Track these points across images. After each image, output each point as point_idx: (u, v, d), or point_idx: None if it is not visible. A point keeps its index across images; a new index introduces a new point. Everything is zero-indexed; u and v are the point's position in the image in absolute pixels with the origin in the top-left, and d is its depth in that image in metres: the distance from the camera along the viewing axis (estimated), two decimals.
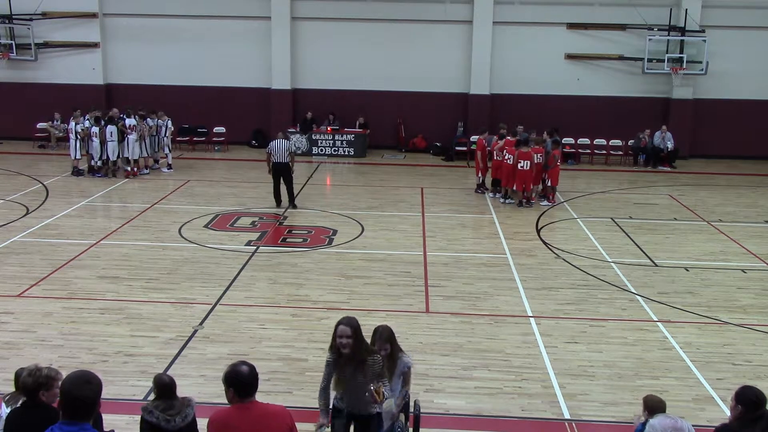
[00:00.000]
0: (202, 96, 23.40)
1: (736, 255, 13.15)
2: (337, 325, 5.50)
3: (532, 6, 22.68)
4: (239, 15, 23.11)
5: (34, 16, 22.96)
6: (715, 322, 9.93)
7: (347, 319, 5.52)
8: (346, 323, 5.46)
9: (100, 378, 3.83)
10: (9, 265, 11.56)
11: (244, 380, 4.33)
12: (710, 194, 18.42)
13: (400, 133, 23.63)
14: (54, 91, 23.19)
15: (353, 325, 5.47)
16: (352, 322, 5.50)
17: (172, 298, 10.29)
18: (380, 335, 5.98)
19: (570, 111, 22.55)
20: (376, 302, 10.28)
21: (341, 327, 5.45)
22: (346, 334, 5.41)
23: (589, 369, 8.36)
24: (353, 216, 15.22)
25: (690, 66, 22.22)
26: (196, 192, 17.34)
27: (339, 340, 5.43)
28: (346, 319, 5.53)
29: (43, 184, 17.50)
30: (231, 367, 4.37)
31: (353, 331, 5.42)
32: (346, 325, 5.45)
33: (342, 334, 5.43)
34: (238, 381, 4.32)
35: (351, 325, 5.45)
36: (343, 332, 5.42)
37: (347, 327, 5.43)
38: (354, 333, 5.42)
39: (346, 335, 5.41)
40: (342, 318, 5.56)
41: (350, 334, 5.40)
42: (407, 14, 22.80)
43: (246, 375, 4.33)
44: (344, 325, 5.45)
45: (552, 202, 16.73)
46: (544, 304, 10.37)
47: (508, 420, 7.28)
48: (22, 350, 8.47)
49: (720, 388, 7.89)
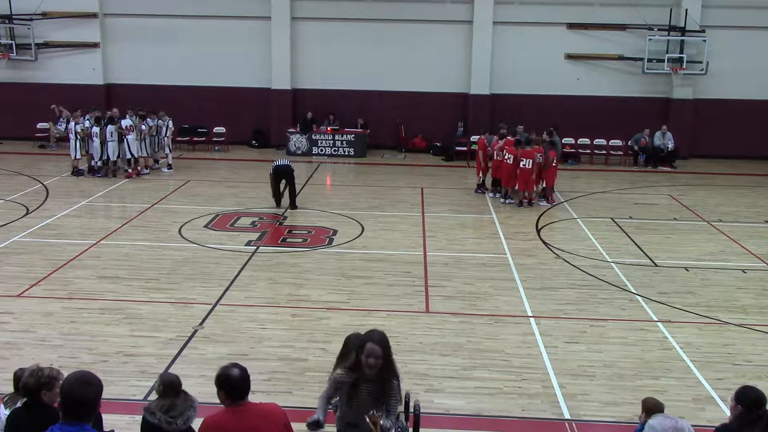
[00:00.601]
0: (202, 96, 23.39)
1: (736, 255, 13.15)
2: (365, 342, 4.66)
3: (532, 6, 22.68)
4: (239, 15, 23.11)
5: (34, 16, 22.96)
6: (715, 322, 9.93)
7: (378, 336, 4.69)
8: (377, 341, 4.64)
9: (100, 379, 3.83)
10: (9, 265, 11.56)
11: (234, 383, 4.30)
12: (710, 194, 18.42)
13: (400, 133, 23.63)
14: (54, 91, 23.18)
15: (384, 343, 4.67)
16: (384, 339, 4.69)
17: (172, 298, 10.29)
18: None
19: (570, 111, 22.55)
20: (376, 302, 10.27)
21: (370, 346, 4.59)
22: (376, 354, 4.60)
23: (589, 369, 8.36)
24: (353, 216, 15.22)
25: (690, 66, 22.23)
26: (196, 192, 17.33)
27: (367, 359, 4.60)
28: (377, 334, 4.71)
29: (43, 184, 17.50)
30: (222, 369, 4.36)
31: (384, 351, 4.65)
32: (377, 343, 4.62)
33: (371, 354, 4.60)
34: (228, 384, 4.30)
35: (382, 343, 4.65)
36: (372, 352, 4.59)
37: (377, 346, 4.61)
38: (384, 353, 4.66)
39: (376, 356, 4.60)
40: (370, 333, 4.75)
41: (380, 355, 4.61)
42: (407, 14, 22.80)
43: (236, 378, 4.31)
44: (375, 343, 4.61)
45: (551, 203, 16.72)
46: (544, 304, 10.37)
47: (508, 420, 7.28)
48: (22, 350, 8.47)
49: (720, 388, 7.89)
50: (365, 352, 4.63)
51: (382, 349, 4.64)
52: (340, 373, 4.85)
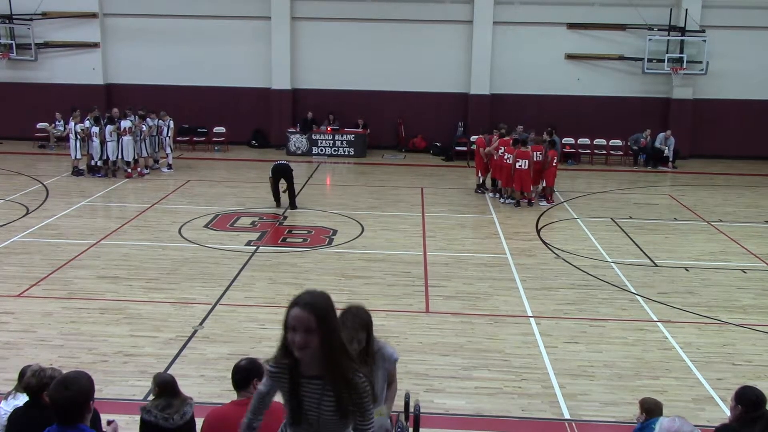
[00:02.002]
0: (202, 96, 23.39)
1: (736, 255, 13.15)
2: (290, 308, 3.14)
3: (532, 6, 22.67)
4: (239, 15, 23.11)
5: (34, 16, 22.96)
6: (715, 322, 9.92)
7: (310, 297, 3.14)
8: (305, 304, 3.09)
9: (88, 379, 3.80)
10: (9, 265, 11.56)
11: (235, 373, 4.65)
12: (710, 194, 18.42)
13: (400, 133, 23.63)
14: (54, 91, 23.19)
15: (321, 308, 3.12)
16: (320, 302, 3.14)
17: (172, 298, 10.29)
18: (353, 319, 4.25)
19: (570, 111, 22.55)
20: (376, 302, 10.27)
21: (295, 312, 3.09)
22: (304, 325, 3.07)
23: (589, 369, 8.36)
24: (353, 216, 15.22)
25: (690, 66, 22.22)
26: (196, 192, 17.33)
27: (292, 336, 3.10)
28: (309, 296, 3.15)
29: (43, 184, 17.50)
30: None
31: (319, 320, 3.09)
32: (305, 308, 3.08)
33: (296, 324, 3.08)
34: (232, 374, 4.69)
35: (316, 308, 3.10)
36: (298, 321, 3.08)
37: (306, 313, 3.07)
38: (320, 323, 3.09)
39: (305, 328, 3.07)
40: (301, 295, 3.18)
41: (312, 327, 3.07)
42: (407, 14, 22.80)
43: (238, 368, 4.68)
44: (301, 308, 3.09)
45: (550, 203, 16.72)
46: (544, 304, 10.37)
47: (508, 420, 7.28)
48: (22, 350, 8.47)
49: (720, 388, 7.89)
50: (289, 322, 3.11)
51: (316, 317, 3.06)
52: (268, 361, 3.44)
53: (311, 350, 3.18)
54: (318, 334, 3.15)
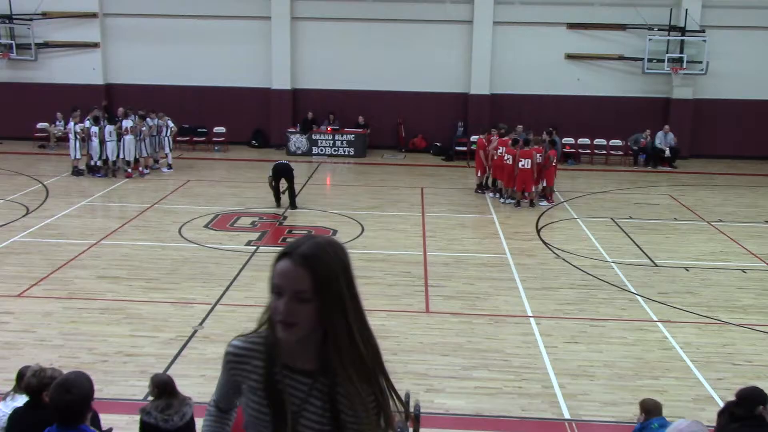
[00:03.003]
0: (202, 96, 23.38)
1: (736, 255, 13.15)
2: (278, 259, 2.27)
3: (532, 6, 22.67)
4: (239, 15, 23.10)
5: (34, 16, 22.95)
6: (715, 322, 9.93)
7: (310, 246, 2.27)
8: (300, 257, 2.23)
9: (88, 380, 3.80)
10: (9, 265, 11.57)
11: None
12: (710, 194, 18.42)
13: (400, 133, 23.62)
14: (54, 91, 23.18)
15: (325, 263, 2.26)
16: (325, 255, 2.28)
17: (172, 298, 10.29)
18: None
19: (570, 111, 22.54)
20: (376, 302, 10.26)
21: (283, 264, 2.24)
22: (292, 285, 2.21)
23: (589, 369, 8.36)
24: (353, 216, 15.21)
25: (690, 66, 22.21)
26: (196, 192, 17.33)
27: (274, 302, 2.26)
28: (309, 244, 2.29)
29: (43, 184, 17.50)
30: None
31: (320, 281, 2.22)
32: (297, 261, 2.22)
33: (282, 283, 2.23)
34: None
35: (318, 263, 2.24)
36: (284, 277, 2.22)
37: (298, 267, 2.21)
38: (322, 286, 2.23)
39: (292, 289, 2.21)
40: (298, 241, 2.32)
41: (307, 291, 2.21)
42: (407, 14, 22.79)
43: None
44: (293, 260, 2.22)
45: (551, 203, 16.73)
46: (544, 304, 10.37)
47: (508, 420, 7.28)
48: (22, 350, 8.47)
49: (720, 388, 7.89)
50: (273, 279, 2.27)
51: (313, 279, 2.21)
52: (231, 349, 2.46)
53: (301, 329, 2.21)
54: (316, 303, 2.20)
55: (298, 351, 2.34)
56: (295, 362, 2.36)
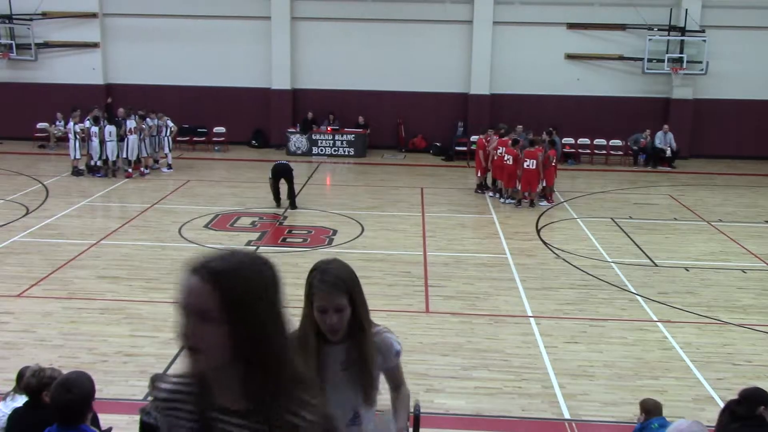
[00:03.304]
0: (202, 96, 23.38)
1: (736, 255, 13.15)
2: None
3: (532, 6, 22.67)
4: (239, 15, 23.10)
5: (34, 16, 22.95)
6: (715, 322, 9.93)
7: (222, 260, 1.96)
8: (203, 269, 1.93)
9: (89, 380, 3.80)
10: (9, 265, 11.57)
11: None
12: (710, 194, 18.42)
13: (400, 133, 23.62)
14: (54, 91, 23.18)
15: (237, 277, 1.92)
16: (239, 267, 1.95)
17: (172, 298, 10.26)
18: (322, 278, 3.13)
19: (570, 111, 22.55)
20: (376, 302, 10.26)
21: (188, 280, 1.94)
22: (195, 304, 1.91)
23: (589, 369, 8.36)
24: (353, 216, 15.21)
25: (690, 66, 22.22)
26: (196, 192, 17.33)
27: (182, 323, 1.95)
28: (221, 258, 1.97)
29: (43, 184, 17.50)
30: None
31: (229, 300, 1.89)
32: (199, 274, 1.92)
33: (185, 302, 1.93)
34: None
35: (226, 277, 1.90)
36: (188, 294, 1.92)
37: (201, 282, 1.90)
38: (231, 306, 1.89)
39: (196, 308, 1.91)
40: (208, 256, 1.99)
41: (213, 311, 1.88)
42: (407, 14, 22.80)
43: None
44: (196, 274, 1.92)
45: (551, 203, 16.73)
46: (544, 304, 10.37)
47: (508, 420, 7.28)
48: (22, 350, 8.47)
49: (720, 388, 7.89)
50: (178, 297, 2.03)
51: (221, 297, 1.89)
52: None
53: (211, 357, 1.90)
54: (227, 326, 1.87)
55: (225, 387, 1.99)
56: (224, 401, 2.01)
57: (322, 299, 3.15)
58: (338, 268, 3.22)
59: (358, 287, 3.22)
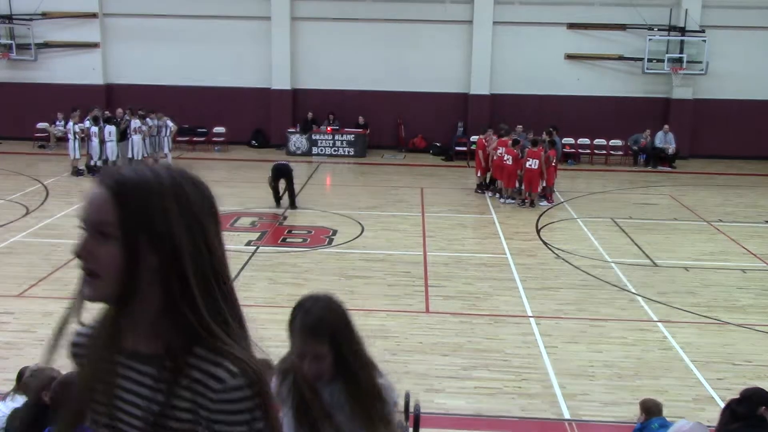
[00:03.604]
0: (202, 96, 23.38)
1: (736, 255, 13.15)
2: None
3: (532, 6, 22.68)
4: (239, 15, 23.10)
5: (34, 16, 22.95)
6: (715, 322, 9.93)
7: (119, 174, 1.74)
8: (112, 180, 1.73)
9: None
10: (9, 265, 11.57)
11: None
12: (710, 194, 18.42)
13: (400, 133, 23.63)
14: (54, 91, 23.18)
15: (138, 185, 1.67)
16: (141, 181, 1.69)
17: None
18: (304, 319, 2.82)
19: (570, 111, 22.54)
20: (376, 302, 10.27)
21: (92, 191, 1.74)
22: (93, 215, 1.68)
23: (589, 369, 8.36)
24: (353, 216, 15.21)
25: (690, 66, 22.22)
26: None
27: None
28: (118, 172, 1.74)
29: (43, 184, 17.50)
30: None
31: (123, 208, 1.64)
32: (102, 183, 1.74)
33: (84, 219, 1.68)
34: None
35: (123, 186, 1.67)
36: (90, 199, 1.72)
37: (102, 189, 1.71)
38: (127, 213, 1.63)
39: (93, 220, 1.67)
40: None
41: (111, 219, 1.63)
42: (407, 14, 22.80)
43: None
44: (100, 185, 1.73)
45: (551, 203, 16.73)
46: (544, 304, 10.37)
47: (508, 420, 7.28)
48: (22, 350, 8.46)
49: (720, 388, 7.89)
50: None
51: (120, 205, 1.66)
52: None
53: (106, 283, 1.67)
54: (126, 245, 1.62)
55: (136, 326, 1.72)
56: (137, 344, 1.74)
57: (299, 344, 2.86)
58: (323, 308, 2.88)
59: (345, 331, 2.85)
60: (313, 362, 2.82)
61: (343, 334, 2.84)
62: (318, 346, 2.80)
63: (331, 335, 2.80)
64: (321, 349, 2.80)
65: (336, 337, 2.81)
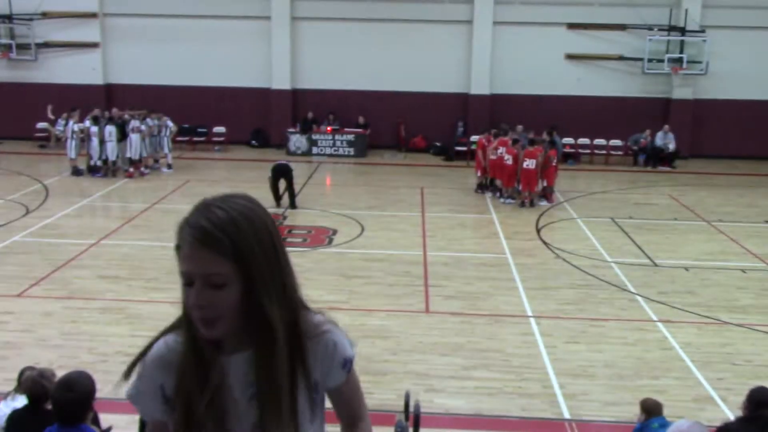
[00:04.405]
0: (202, 96, 23.38)
1: (736, 255, 13.15)
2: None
3: (532, 6, 22.67)
4: (239, 15, 23.10)
5: (34, 16, 22.96)
6: (715, 322, 9.93)
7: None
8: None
9: (90, 379, 3.81)
10: (9, 265, 11.57)
11: None
12: (710, 194, 18.42)
13: (400, 133, 23.63)
14: (54, 91, 23.18)
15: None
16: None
17: (172, 298, 10.20)
18: (194, 221, 1.94)
19: (570, 111, 22.54)
20: (376, 302, 10.27)
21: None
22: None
23: (589, 369, 8.36)
24: (353, 216, 15.21)
25: (690, 66, 22.23)
26: (196, 192, 17.29)
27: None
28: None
29: (43, 184, 17.50)
30: None
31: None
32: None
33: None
34: None
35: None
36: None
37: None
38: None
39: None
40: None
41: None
42: (407, 14, 22.80)
43: None
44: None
45: (551, 203, 16.73)
46: (544, 304, 10.37)
47: (508, 420, 7.28)
48: (22, 350, 8.47)
49: (720, 388, 7.90)
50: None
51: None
52: None
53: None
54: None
55: None
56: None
57: (186, 261, 1.88)
58: (230, 209, 1.90)
59: (262, 247, 1.90)
60: (205, 290, 1.86)
61: (261, 252, 1.91)
62: (214, 265, 1.85)
63: (238, 248, 1.86)
64: (220, 269, 1.85)
65: (246, 253, 1.87)
